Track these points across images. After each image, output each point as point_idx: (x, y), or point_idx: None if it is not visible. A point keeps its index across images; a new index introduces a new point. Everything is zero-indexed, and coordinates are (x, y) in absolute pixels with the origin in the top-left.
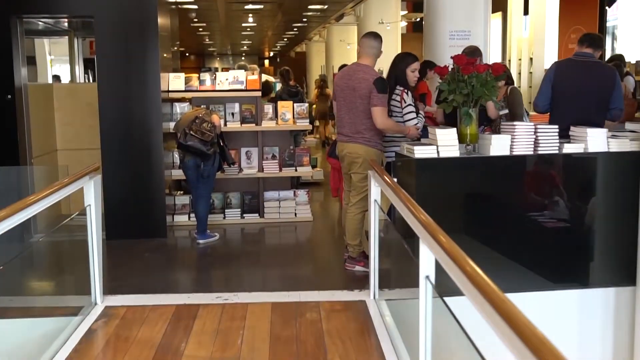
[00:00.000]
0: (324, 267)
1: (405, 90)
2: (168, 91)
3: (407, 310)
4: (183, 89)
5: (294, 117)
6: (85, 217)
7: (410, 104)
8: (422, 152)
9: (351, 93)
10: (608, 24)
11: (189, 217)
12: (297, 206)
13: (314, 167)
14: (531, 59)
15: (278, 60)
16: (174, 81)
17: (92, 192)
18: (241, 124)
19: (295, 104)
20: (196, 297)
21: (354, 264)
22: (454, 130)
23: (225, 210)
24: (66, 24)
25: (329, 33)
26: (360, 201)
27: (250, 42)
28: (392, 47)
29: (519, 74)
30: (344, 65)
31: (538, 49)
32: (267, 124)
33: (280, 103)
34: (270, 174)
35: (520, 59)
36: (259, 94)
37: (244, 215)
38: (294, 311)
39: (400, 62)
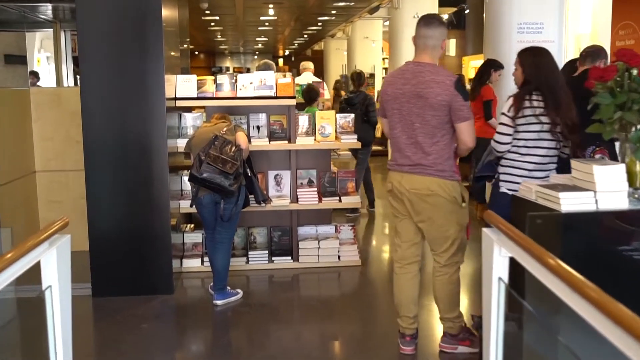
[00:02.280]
0: (395, 343)
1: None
2: (175, 98)
3: None
4: (195, 95)
5: (336, 132)
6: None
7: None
8: (571, 202)
9: (415, 103)
10: None
11: (202, 261)
12: (340, 246)
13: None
14: None
15: (293, 59)
16: (183, 85)
17: (54, 267)
18: (269, 140)
19: (338, 115)
20: None
21: (456, 343)
22: (623, 167)
23: (249, 253)
24: (50, 13)
25: (352, 29)
26: (453, 256)
27: (266, 39)
28: None
29: None
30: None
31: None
32: (303, 141)
33: (318, 114)
34: (306, 206)
35: None
36: (293, 102)
37: (273, 258)
38: None
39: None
